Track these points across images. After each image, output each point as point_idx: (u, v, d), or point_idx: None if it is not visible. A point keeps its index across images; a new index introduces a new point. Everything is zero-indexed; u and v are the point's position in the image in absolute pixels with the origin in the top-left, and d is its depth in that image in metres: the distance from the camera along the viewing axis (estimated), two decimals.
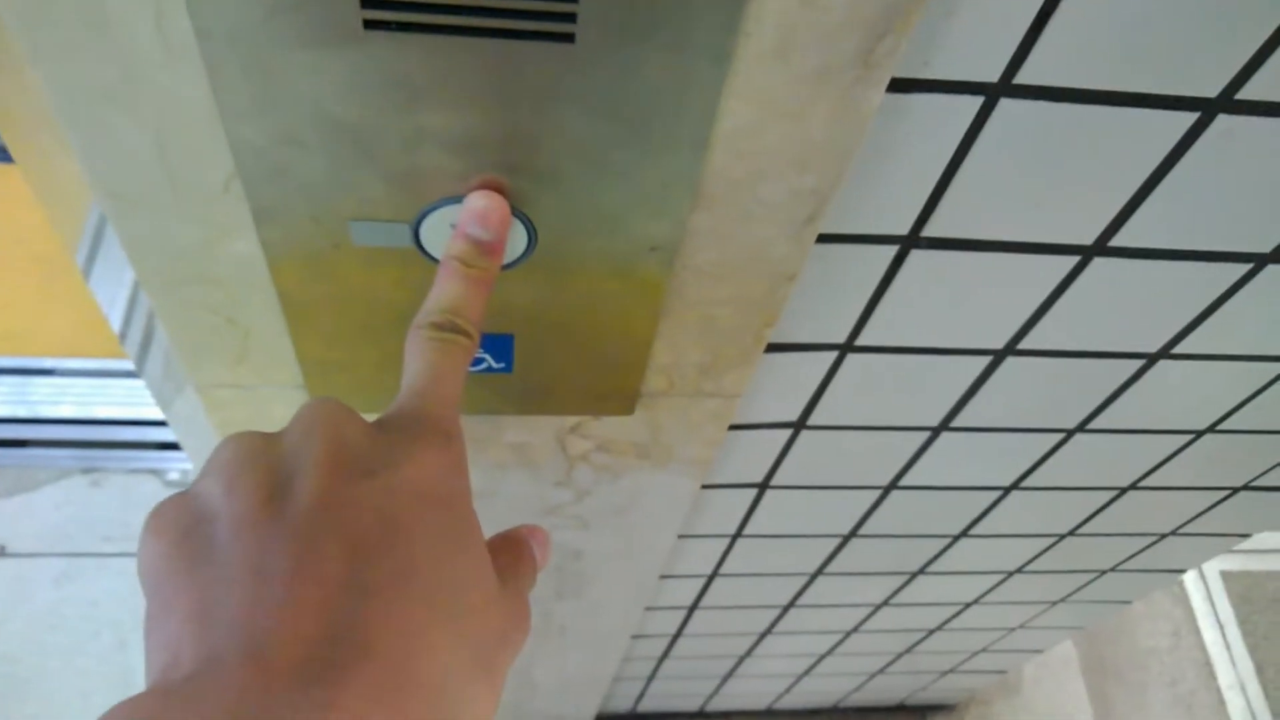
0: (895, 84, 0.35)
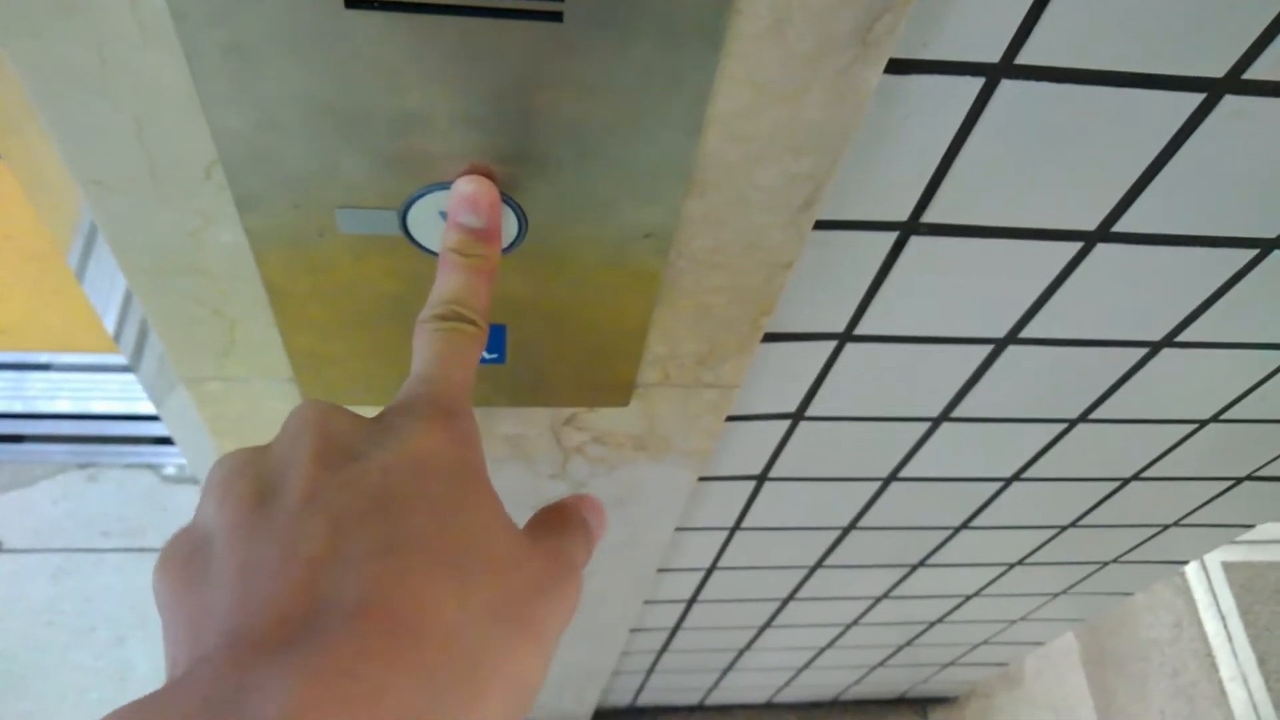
0: (893, 65, 0.34)
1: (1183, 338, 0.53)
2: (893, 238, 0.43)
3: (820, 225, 0.42)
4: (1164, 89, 0.36)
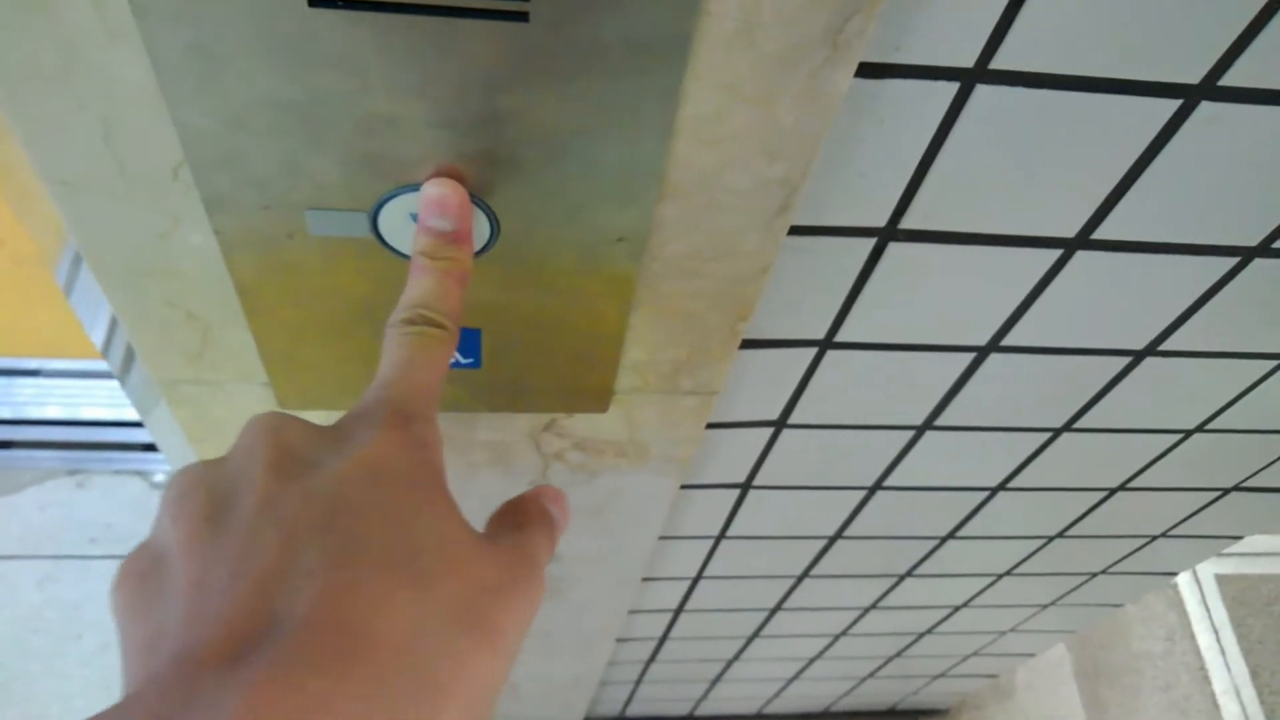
0: (867, 69, 0.34)
1: (1166, 346, 0.53)
2: (871, 244, 0.43)
3: (798, 231, 0.41)
4: (1140, 94, 0.36)
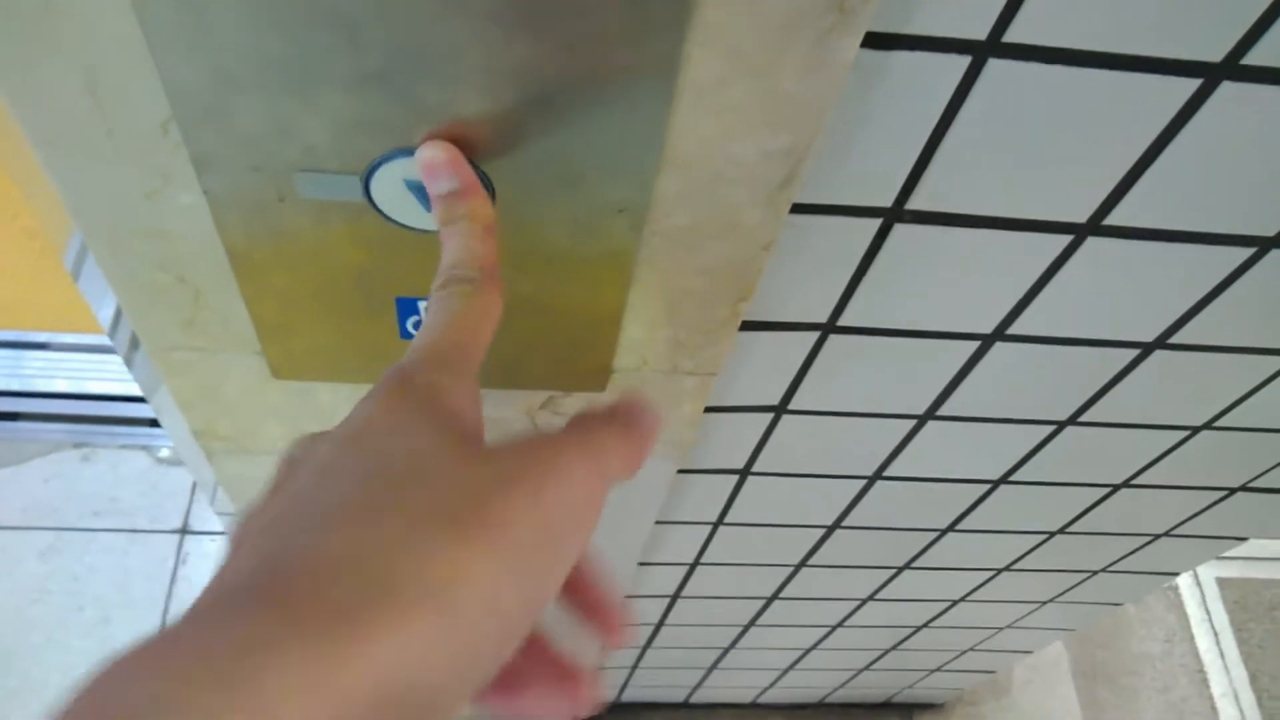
0: (875, 40, 0.33)
1: (1176, 339, 0.52)
2: (876, 225, 0.42)
3: (801, 209, 0.41)
4: (1158, 73, 0.35)
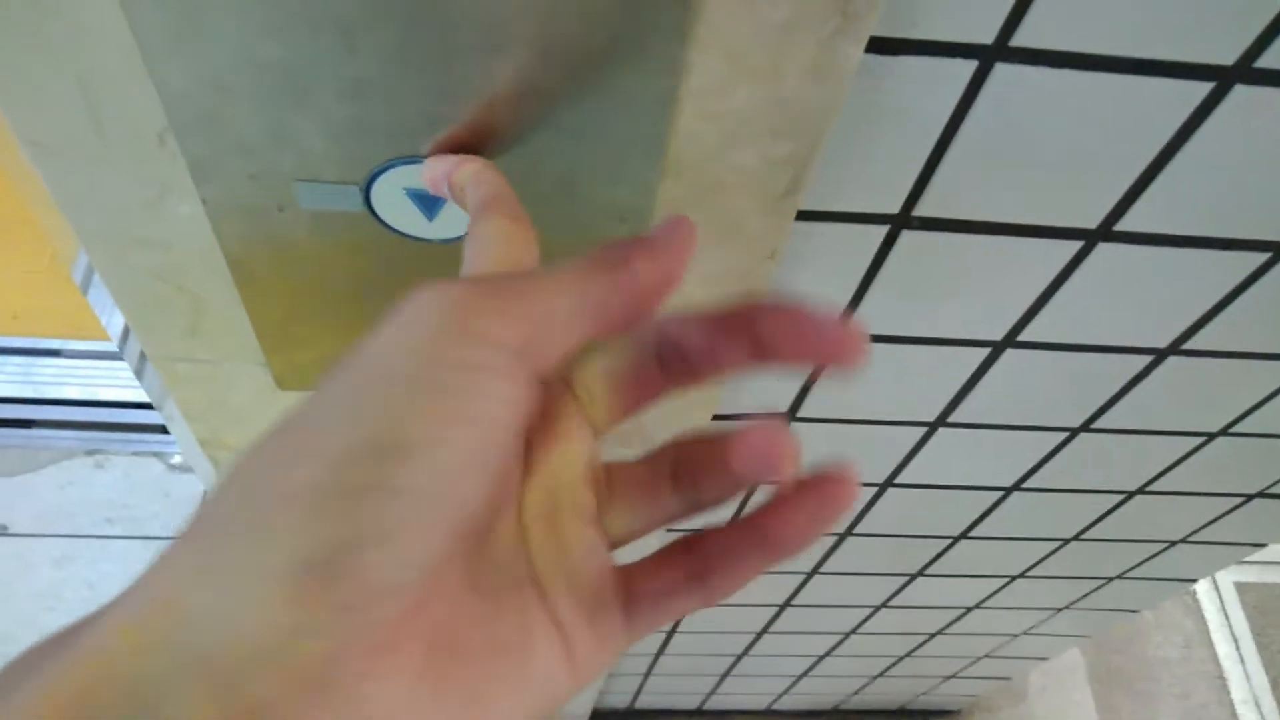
0: (881, 45, 0.32)
1: (1190, 345, 0.51)
2: (883, 232, 0.41)
3: (807, 216, 0.40)
4: (1170, 76, 0.34)
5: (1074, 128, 0.36)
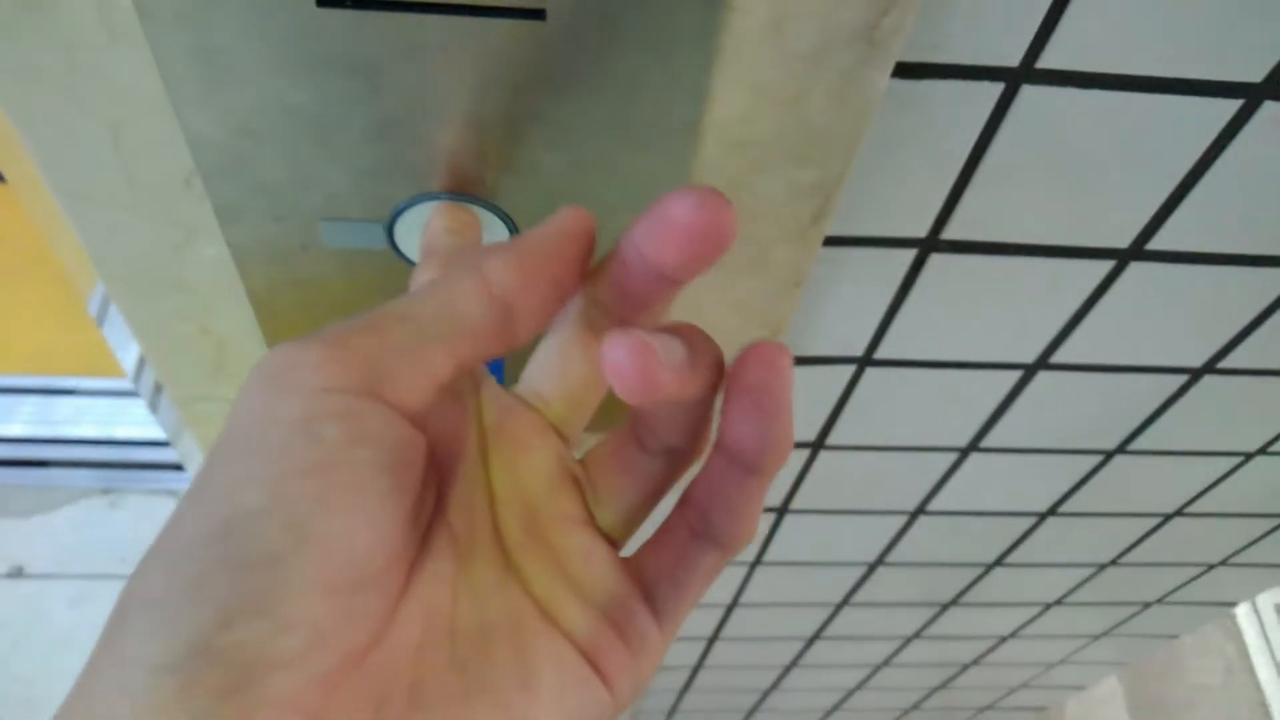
0: (905, 70, 0.32)
1: (1225, 364, 0.50)
2: (911, 255, 0.41)
3: (834, 242, 0.40)
4: (1198, 95, 0.34)
5: (1103, 147, 0.36)
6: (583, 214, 0.22)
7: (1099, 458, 0.60)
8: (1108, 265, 0.42)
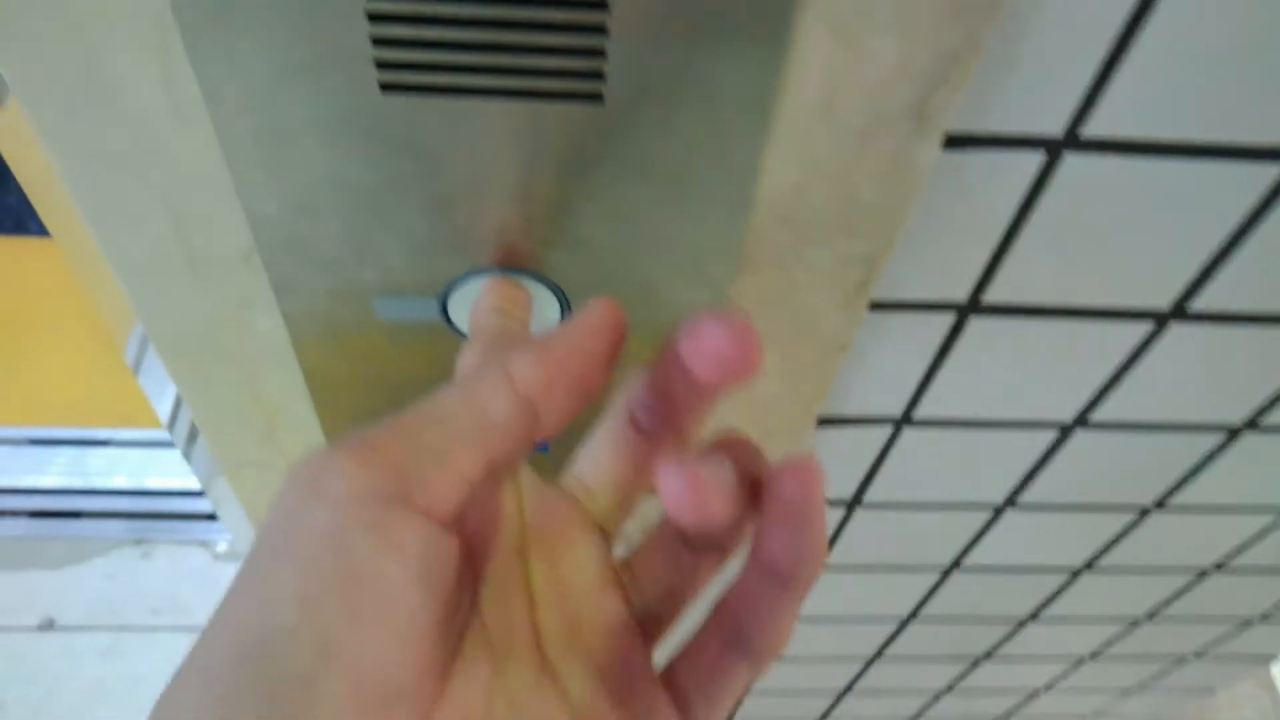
0: (949, 140, 0.33)
1: (1266, 420, 0.50)
2: (951, 319, 0.41)
3: (875, 306, 0.40)
4: (1241, 160, 0.34)
5: (1145, 212, 0.36)
6: (613, 308, 0.22)
7: (1136, 513, 0.60)
8: (1148, 326, 0.42)
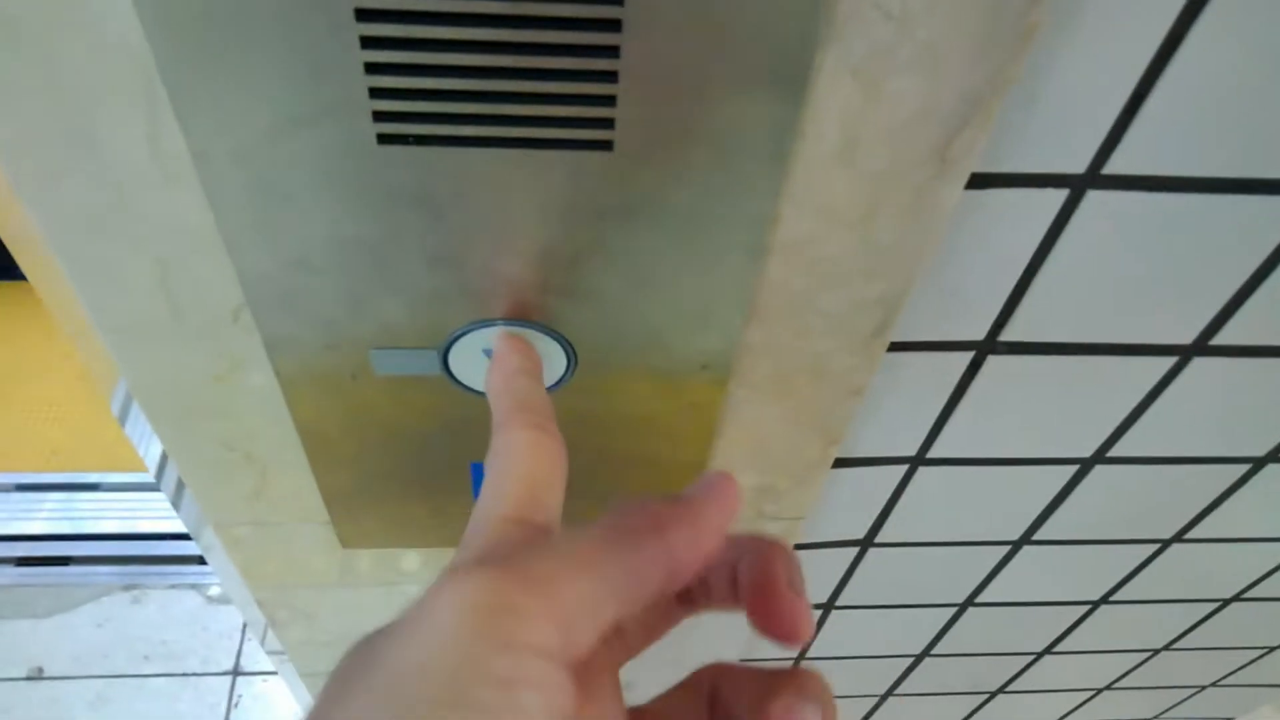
0: (972, 180, 0.31)
1: None
2: (969, 358, 0.40)
3: (893, 347, 0.39)
4: (1264, 193, 0.33)
5: (1167, 248, 0.35)
6: (735, 487, 0.23)
7: (1155, 546, 0.58)
8: (1170, 361, 0.41)
